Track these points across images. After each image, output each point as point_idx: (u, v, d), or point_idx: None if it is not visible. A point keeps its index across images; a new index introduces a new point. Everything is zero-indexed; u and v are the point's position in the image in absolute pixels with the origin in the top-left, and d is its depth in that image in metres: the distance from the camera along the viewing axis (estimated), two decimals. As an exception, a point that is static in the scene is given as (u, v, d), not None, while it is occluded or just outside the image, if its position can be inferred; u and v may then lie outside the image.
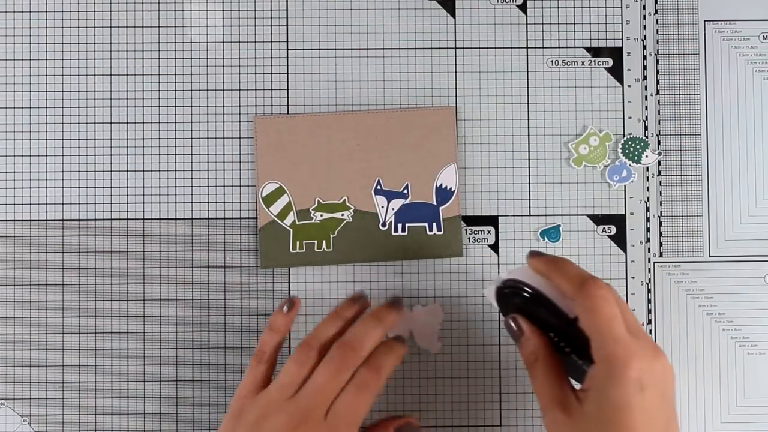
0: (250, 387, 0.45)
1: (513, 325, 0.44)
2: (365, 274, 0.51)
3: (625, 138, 0.51)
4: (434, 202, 0.50)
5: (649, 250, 0.51)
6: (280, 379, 0.44)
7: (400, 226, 0.50)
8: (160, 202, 0.51)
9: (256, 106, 0.51)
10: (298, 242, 0.50)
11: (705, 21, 0.52)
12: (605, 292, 0.40)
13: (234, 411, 0.44)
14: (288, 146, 0.50)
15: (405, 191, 0.50)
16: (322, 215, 0.50)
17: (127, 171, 0.51)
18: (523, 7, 0.52)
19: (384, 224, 0.50)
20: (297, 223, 0.50)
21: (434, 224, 0.50)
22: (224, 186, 0.51)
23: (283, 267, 0.50)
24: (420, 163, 0.50)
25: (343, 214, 0.50)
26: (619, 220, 0.51)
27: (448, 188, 0.50)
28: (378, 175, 0.50)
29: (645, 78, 0.52)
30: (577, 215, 0.51)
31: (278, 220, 0.50)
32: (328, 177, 0.50)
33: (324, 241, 0.50)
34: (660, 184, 0.51)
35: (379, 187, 0.50)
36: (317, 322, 0.48)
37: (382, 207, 0.50)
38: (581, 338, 0.40)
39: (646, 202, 0.51)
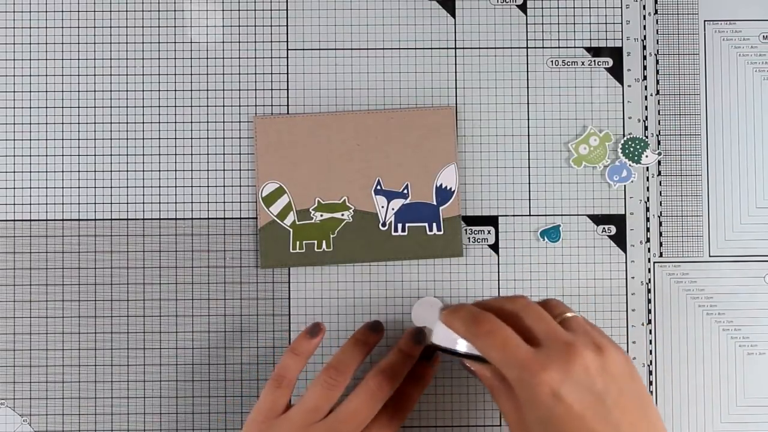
0: (268, 413, 0.44)
1: (467, 366, 0.43)
2: (365, 274, 0.51)
3: (625, 138, 0.51)
4: (434, 202, 0.50)
5: (649, 250, 0.51)
6: (306, 404, 0.44)
7: (400, 226, 0.50)
8: (160, 202, 0.51)
9: (256, 106, 0.51)
10: (298, 242, 0.50)
11: (705, 21, 0.52)
12: (489, 325, 0.39)
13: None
14: (288, 146, 0.50)
15: (405, 191, 0.50)
16: (322, 215, 0.50)
17: (127, 171, 0.51)
18: (523, 7, 0.52)
19: (384, 224, 0.50)
20: (297, 223, 0.50)
21: (434, 224, 0.50)
22: (224, 186, 0.51)
23: (283, 267, 0.50)
24: (420, 163, 0.50)
25: (343, 214, 0.50)
26: (619, 220, 0.51)
27: (448, 188, 0.50)
28: (378, 175, 0.50)
29: (645, 78, 0.52)
30: (577, 215, 0.51)
31: (278, 220, 0.50)
32: (328, 177, 0.50)
33: (324, 241, 0.50)
34: (660, 184, 0.51)
35: (379, 187, 0.50)
36: (316, 321, 0.48)
37: (382, 207, 0.50)
38: None
39: (646, 202, 0.51)
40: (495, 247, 0.51)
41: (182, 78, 0.51)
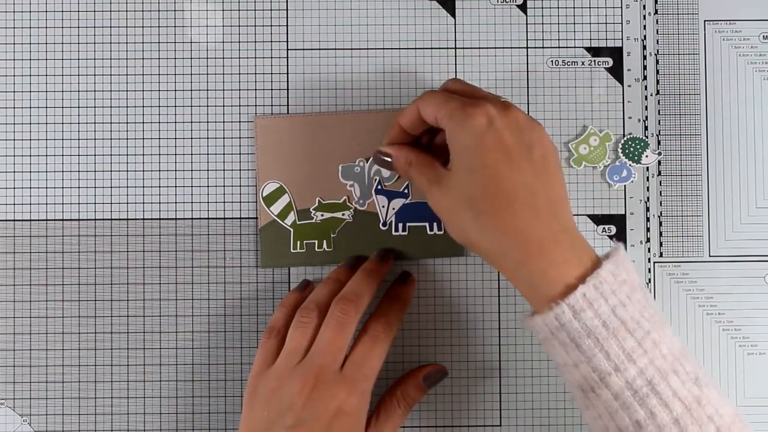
0: (262, 364, 0.45)
1: (381, 156, 0.46)
2: (365, 274, 0.50)
3: (625, 138, 0.51)
4: None
5: (649, 250, 0.51)
6: (287, 348, 0.44)
7: (400, 225, 0.50)
8: (160, 202, 0.51)
9: (256, 106, 0.51)
10: (298, 242, 0.50)
11: (705, 21, 0.52)
12: (423, 96, 0.44)
13: (249, 390, 0.44)
14: (289, 146, 0.50)
15: (406, 191, 0.50)
16: (322, 215, 0.50)
17: (127, 171, 0.51)
18: (523, 7, 0.52)
19: (385, 224, 0.50)
20: (297, 222, 0.50)
21: (435, 224, 0.50)
22: (224, 186, 0.51)
23: (283, 267, 0.50)
24: None
25: (343, 214, 0.50)
26: (619, 220, 0.51)
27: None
28: (378, 175, 0.50)
29: (645, 78, 0.52)
30: (577, 215, 0.51)
31: (279, 220, 0.50)
32: (329, 177, 0.50)
33: (325, 241, 0.50)
34: (660, 184, 0.51)
35: (379, 187, 0.50)
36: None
37: (383, 207, 0.50)
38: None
39: (646, 202, 0.51)
40: (495, 247, 0.51)
41: (182, 78, 0.51)
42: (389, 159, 0.46)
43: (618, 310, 0.38)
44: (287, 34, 0.51)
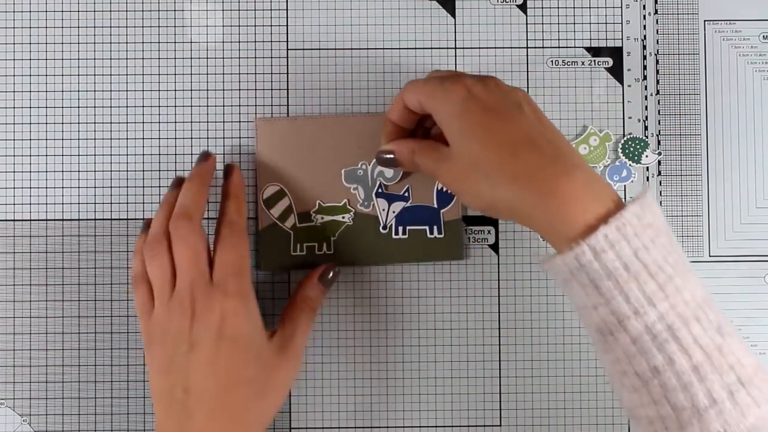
0: (144, 314, 0.45)
1: (384, 155, 0.46)
2: (365, 274, 0.51)
3: (625, 138, 0.51)
4: (435, 205, 0.50)
5: (649, 250, 0.51)
6: (155, 287, 0.44)
7: (401, 229, 0.50)
8: (159, 202, 0.50)
9: (256, 106, 0.51)
10: (298, 245, 0.50)
11: (705, 21, 0.52)
12: (405, 86, 0.44)
13: (145, 340, 0.45)
14: (289, 148, 0.50)
15: (406, 194, 0.50)
16: (323, 218, 0.50)
17: (127, 171, 0.51)
18: (523, 7, 0.52)
19: (385, 227, 0.50)
20: (298, 225, 0.50)
21: (435, 227, 0.50)
22: (224, 186, 0.51)
23: (283, 270, 0.50)
24: None
25: (343, 217, 0.50)
26: (619, 220, 0.51)
27: (449, 191, 0.50)
28: (381, 177, 0.50)
29: (645, 78, 0.52)
30: (577, 215, 0.51)
31: (279, 223, 0.50)
32: (330, 180, 0.50)
33: (325, 244, 0.50)
34: (660, 184, 0.51)
35: (380, 190, 0.50)
36: (316, 326, 0.48)
37: (383, 210, 0.50)
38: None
39: (646, 202, 0.51)
40: (495, 247, 0.51)
41: (182, 78, 0.51)
42: (392, 155, 0.46)
43: (640, 253, 0.37)
44: (287, 34, 0.51)
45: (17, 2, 0.51)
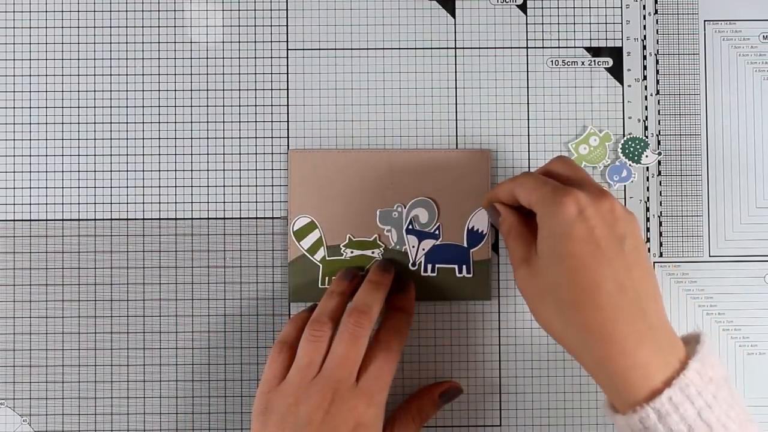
0: (273, 380, 0.44)
1: (494, 211, 0.46)
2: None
3: (625, 138, 0.51)
4: (465, 245, 0.50)
5: (649, 250, 0.51)
6: (300, 362, 0.43)
7: (429, 266, 0.50)
8: (160, 202, 0.51)
9: (256, 106, 0.51)
10: (326, 278, 0.50)
11: (705, 21, 0.52)
12: (519, 178, 0.44)
13: (260, 408, 0.43)
14: (321, 181, 0.50)
15: (436, 232, 0.50)
16: (352, 252, 0.50)
17: (127, 171, 0.51)
18: (523, 7, 0.52)
19: (414, 264, 0.50)
20: (327, 258, 0.50)
21: (464, 266, 0.50)
22: (224, 186, 0.51)
23: (312, 302, 0.50)
24: (453, 205, 0.50)
25: (373, 252, 0.50)
26: (619, 220, 0.51)
27: (480, 231, 0.50)
28: (416, 221, 0.50)
29: (645, 78, 0.52)
30: (577, 215, 0.51)
31: (308, 255, 0.50)
32: (361, 214, 0.50)
33: None
34: (660, 184, 0.51)
35: (410, 227, 0.50)
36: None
37: (413, 247, 0.50)
38: None
39: (646, 202, 0.51)
40: (495, 248, 0.51)
41: (182, 78, 0.51)
42: (497, 216, 0.46)
43: (704, 412, 0.37)
44: (287, 34, 0.51)
45: (17, 2, 0.51)
